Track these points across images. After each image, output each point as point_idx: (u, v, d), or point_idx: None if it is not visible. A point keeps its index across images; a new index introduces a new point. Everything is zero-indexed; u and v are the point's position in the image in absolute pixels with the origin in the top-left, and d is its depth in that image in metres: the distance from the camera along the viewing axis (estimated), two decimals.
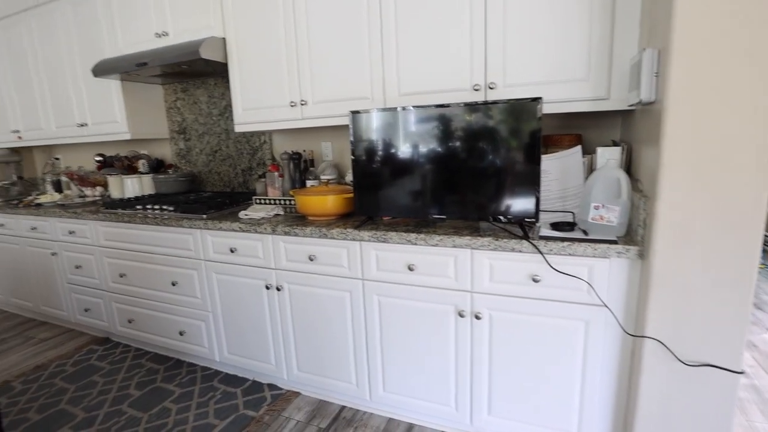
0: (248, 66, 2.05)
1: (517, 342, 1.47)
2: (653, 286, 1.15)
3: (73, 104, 2.76)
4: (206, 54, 1.99)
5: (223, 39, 2.07)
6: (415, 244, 1.51)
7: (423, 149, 1.54)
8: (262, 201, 2.15)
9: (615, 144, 1.59)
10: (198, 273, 2.07)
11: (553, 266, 1.34)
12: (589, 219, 1.32)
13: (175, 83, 2.70)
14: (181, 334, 2.24)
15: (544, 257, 1.34)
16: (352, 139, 1.64)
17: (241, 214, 1.94)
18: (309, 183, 2.11)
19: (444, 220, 1.60)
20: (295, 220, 1.84)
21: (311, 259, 1.74)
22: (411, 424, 1.77)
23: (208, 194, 2.56)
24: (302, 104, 1.95)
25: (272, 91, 2.01)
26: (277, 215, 1.94)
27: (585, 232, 1.34)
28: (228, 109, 2.53)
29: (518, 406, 1.52)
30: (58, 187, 3.13)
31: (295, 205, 1.96)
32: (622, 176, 1.29)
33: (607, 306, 1.31)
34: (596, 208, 1.31)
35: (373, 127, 1.61)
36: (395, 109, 1.56)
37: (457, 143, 1.49)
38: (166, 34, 2.21)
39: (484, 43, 1.55)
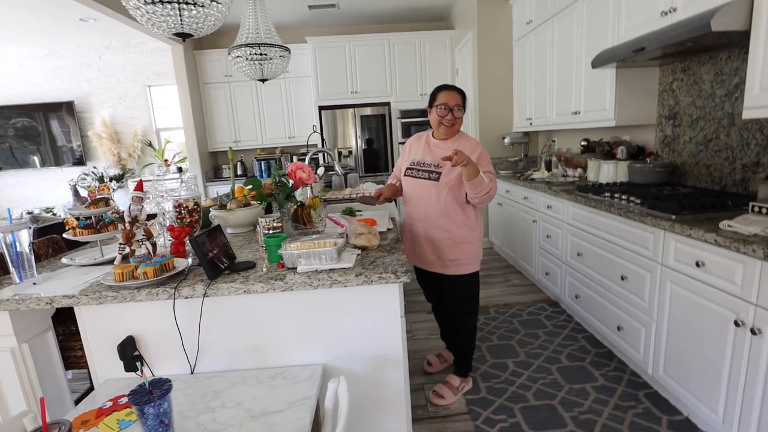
0: None
1: None
2: None
3: (571, 95, 3.13)
4: (720, 26, 1.64)
5: (750, 1, 1.62)
6: None
7: None
8: (762, 210, 1.63)
9: None
10: (651, 276, 1.91)
11: None
12: None
13: (674, 62, 2.43)
14: (618, 328, 2.19)
15: None
16: None
17: (723, 223, 1.57)
18: None
19: None
20: None
21: None
22: None
23: (686, 190, 2.22)
24: None
25: None
26: None
27: None
28: (738, 88, 2.01)
29: None
30: (548, 165, 3.73)
31: None
32: None
33: None
34: None
35: None
36: None
37: None
38: (673, 10, 1.99)
39: None
